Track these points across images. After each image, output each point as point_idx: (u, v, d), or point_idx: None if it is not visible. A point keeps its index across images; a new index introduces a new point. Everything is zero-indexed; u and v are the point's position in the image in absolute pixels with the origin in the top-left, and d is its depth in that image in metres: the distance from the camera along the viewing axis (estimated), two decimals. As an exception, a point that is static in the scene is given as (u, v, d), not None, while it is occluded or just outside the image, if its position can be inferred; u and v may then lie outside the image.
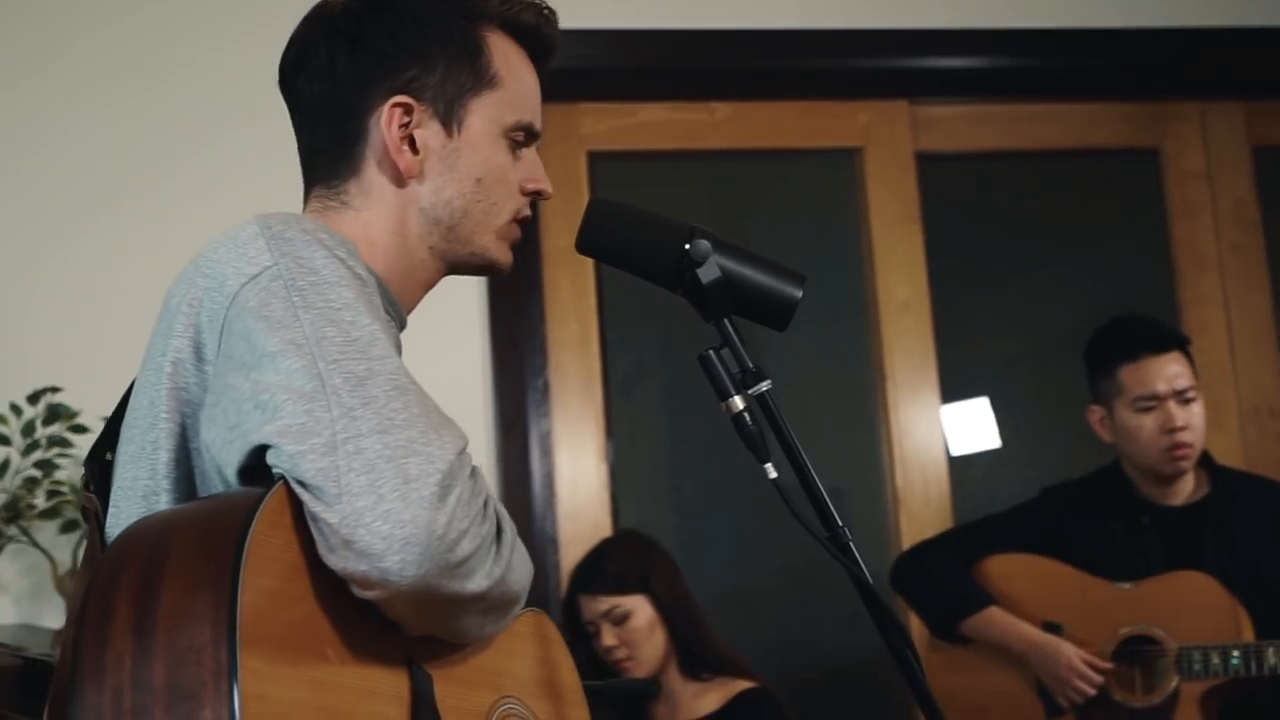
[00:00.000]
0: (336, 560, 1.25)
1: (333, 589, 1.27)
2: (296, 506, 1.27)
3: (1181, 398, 3.17)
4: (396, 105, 1.56)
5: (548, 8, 1.67)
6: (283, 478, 1.27)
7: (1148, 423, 3.18)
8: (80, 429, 3.08)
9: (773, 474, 1.54)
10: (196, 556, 1.19)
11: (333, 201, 1.58)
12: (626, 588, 3.07)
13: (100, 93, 3.43)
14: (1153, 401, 3.18)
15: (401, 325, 1.56)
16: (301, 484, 1.26)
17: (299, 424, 1.27)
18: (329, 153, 1.59)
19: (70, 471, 3.10)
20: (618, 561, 3.11)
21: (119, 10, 3.47)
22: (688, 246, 1.57)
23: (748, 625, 3.83)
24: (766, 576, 3.96)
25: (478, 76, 1.58)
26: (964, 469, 3.89)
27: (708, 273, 1.57)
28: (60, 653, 1.34)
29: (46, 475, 3.06)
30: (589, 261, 3.57)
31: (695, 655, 3.10)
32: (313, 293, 1.34)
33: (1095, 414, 3.30)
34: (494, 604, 1.35)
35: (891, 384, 3.83)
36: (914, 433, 3.82)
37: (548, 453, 3.59)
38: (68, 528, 3.07)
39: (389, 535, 1.23)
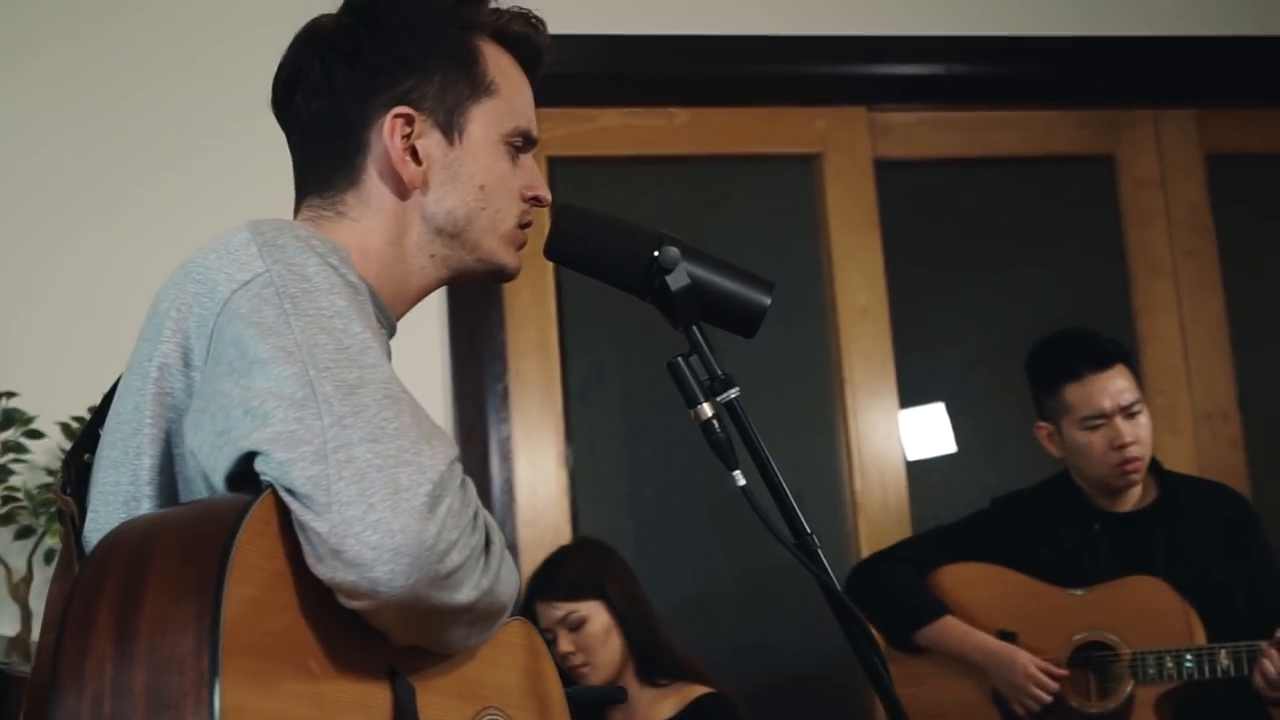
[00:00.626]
0: (324, 570, 1.24)
1: (316, 599, 1.26)
2: (283, 515, 1.25)
3: (1128, 412, 3.18)
4: (398, 116, 1.55)
5: (536, 16, 1.68)
6: (270, 485, 1.26)
7: (1096, 440, 3.19)
8: (36, 434, 3.04)
9: (741, 481, 1.54)
10: (180, 563, 1.17)
11: (327, 211, 1.57)
12: (582, 594, 3.08)
13: (68, 102, 3.41)
14: (1100, 420, 3.18)
15: (391, 332, 1.56)
16: (290, 492, 1.25)
17: (289, 431, 1.25)
18: (326, 165, 1.58)
19: (25, 477, 3.07)
20: (573, 569, 3.12)
21: (84, 22, 3.45)
22: (656, 254, 1.57)
23: (706, 630, 3.83)
24: (725, 581, 3.96)
25: (475, 85, 1.59)
26: (922, 473, 3.90)
27: (676, 280, 1.57)
28: (38, 656, 1.32)
29: (1, 481, 3.03)
30: (549, 267, 3.57)
31: (652, 661, 3.10)
32: (305, 300, 1.33)
33: (1043, 430, 3.31)
34: (481, 615, 1.34)
35: (850, 389, 3.84)
36: (873, 438, 3.83)
37: (507, 459, 3.58)
38: (22, 534, 3.03)
39: (378, 545, 1.22)
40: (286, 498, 1.25)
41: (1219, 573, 3.17)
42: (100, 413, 1.50)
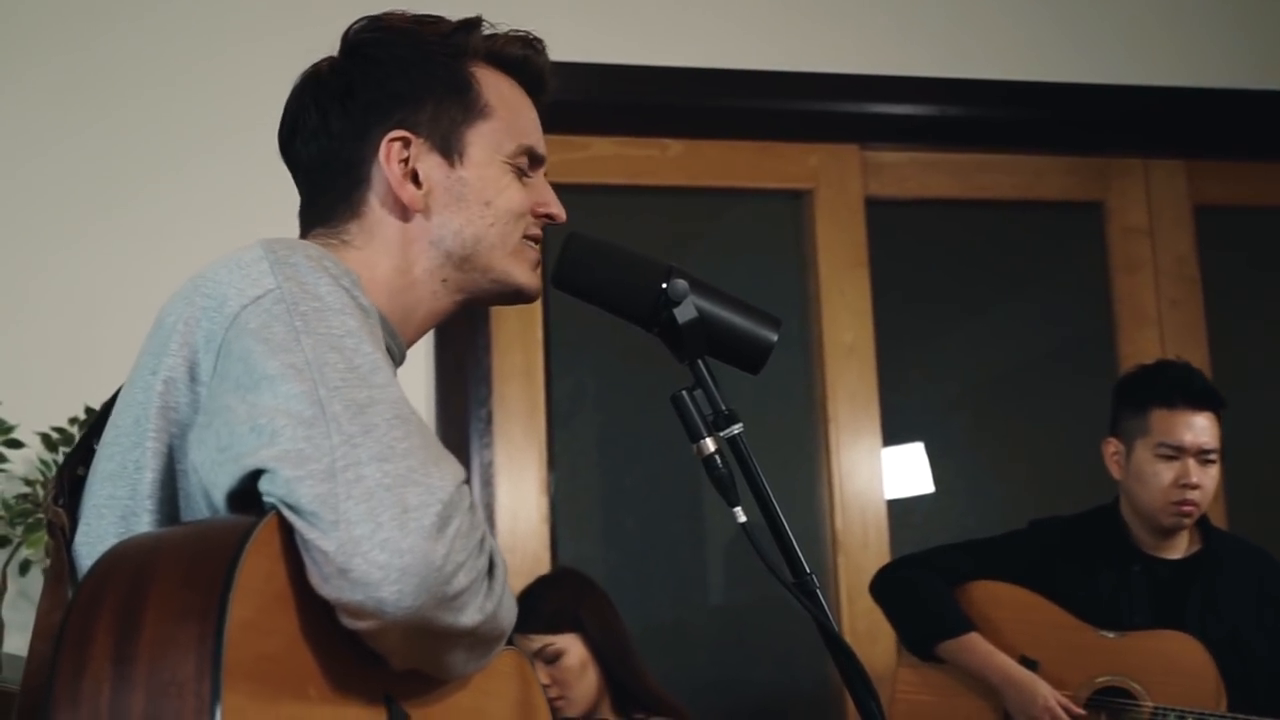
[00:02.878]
0: (330, 590, 1.22)
1: (315, 623, 1.24)
2: (285, 536, 1.23)
3: (1203, 457, 3.18)
4: (393, 140, 1.56)
5: (535, 38, 1.67)
6: (274, 507, 1.24)
7: (1164, 471, 3.18)
8: (15, 444, 3.01)
9: (742, 518, 1.53)
10: (182, 585, 1.15)
11: (333, 240, 1.57)
12: (559, 627, 3.07)
13: (57, 112, 3.38)
14: (1175, 452, 3.17)
15: (399, 361, 1.54)
16: (295, 510, 1.23)
17: (297, 449, 1.24)
18: (327, 200, 1.59)
19: (3, 487, 3.04)
20: (552, 600, 3.10)
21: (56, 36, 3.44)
22: (665, 286, 1.56)
23: (681, 664, 3.82)
24: (701, 614, 3.95)
25: (468, 109, 1.59)
26: (903, 513, 3.90)
27: (684, 313, 1.57)
28: (28, 667, 1.30)
29: (-22, 490, 3.00)
30: (536, 292, 3.55)
31: (628, 695, 3.09)
32: (315, 318, 1.32)
33: (1110, 447, 3.29)
34: (482, 639, 1.33)
35: (834, 426, 3.83)
36: (855, 476, 3.82)
37: (489, 484, 3.56)
38: (-2, 544, 3.00)
39: (386, 564, 1.21)
40: (291, 516, 1.23)
41: (1248, 636, 3.16)
42: (96, 426, 1.48)
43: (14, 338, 3.26)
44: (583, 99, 3.68)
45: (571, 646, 3.06)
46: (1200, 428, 3.18)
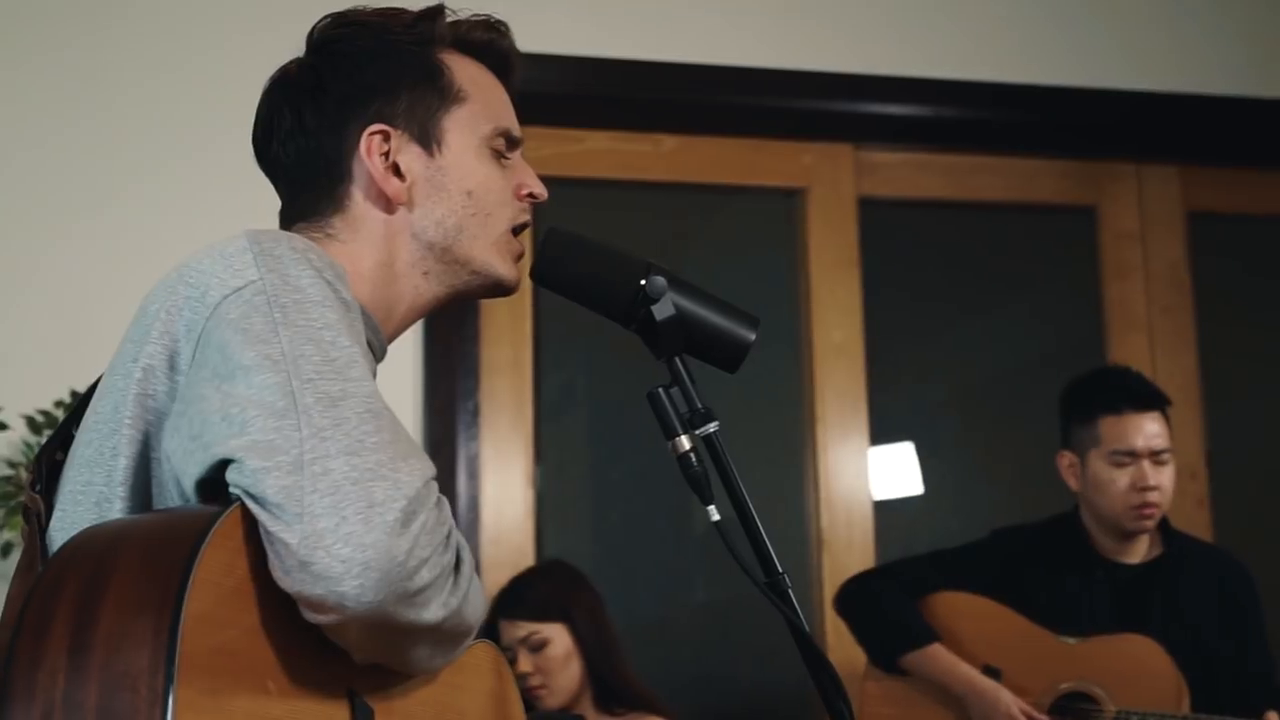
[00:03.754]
0: (291, 582, 1.22)
1: (275, 616, 1.23)
2: (247, 528, 1.23)
3: (1157, 458, 3.19)
4: (373, 134, 1.56)
5: (498, 21, 1.67)
6: (238, 499, 1.23)
7: (1120, 478, 3.19)
8: (0, 426, 3.01)
9: (715, 516, 1.53)
10: (141, 577, 1.15)
11: (316, 234, 1.56)
12: (547, 616, 3.08)
13: (52, 101, 3.38)
14: (1128, 458, 3.18)
15: (380, 356, 1.54)
16: (260, 502, 1.22)
17: (266, 440, 1.24)
18: (309, 196, 1.59)
19: (-14, 469, 3.04)
20: (541, 589, 3.12)
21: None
22: (643, 282, 1.56)
23: (664, 659, 3.82)
24: (685, 611, 3.95)
25: (443, 95, 1.59)
26: (889, 514, 3.90)
27: (662, 310, 1.56)
28: None
29: (-38, 472, 3.00)
30: (527, 285, 3.55)
31: (610, 689, 3.09)
32: (295, 310, 1.32)
33: (1065, 459, 3.30)
34: (447, 635, 1.32)
35: (822, 425, 3.83)
36: (841, 475, 3.82)
37: (475, 476, 3.56)
38: (-19, 527, 3.00)
39: (349, 559, 1.20)
40: (255, 508, 1.23)
41: (1210, 638, 3.17)
42: (76, 412, 1.48)
43: (1, 321, 3.26)
44: (577, 93, 3.68)
45: (557, 636, 3.07)
46: (1151, 430, 3.20)
